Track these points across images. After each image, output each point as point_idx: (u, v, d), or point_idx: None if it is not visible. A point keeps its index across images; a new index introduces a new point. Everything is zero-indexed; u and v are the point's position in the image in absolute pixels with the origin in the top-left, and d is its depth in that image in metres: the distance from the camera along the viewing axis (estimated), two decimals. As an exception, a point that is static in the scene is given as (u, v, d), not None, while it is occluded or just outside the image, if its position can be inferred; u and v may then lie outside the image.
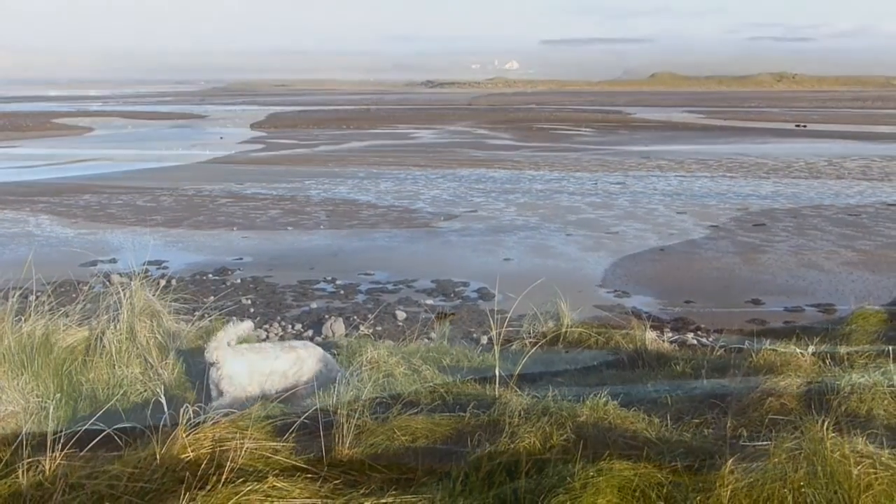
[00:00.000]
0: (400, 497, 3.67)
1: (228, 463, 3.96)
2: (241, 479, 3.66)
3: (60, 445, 4.38)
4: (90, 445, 4.66)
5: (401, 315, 20.14)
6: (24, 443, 4.67)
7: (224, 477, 3.70)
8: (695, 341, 17.23)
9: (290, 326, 19.46)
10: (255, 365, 6.05)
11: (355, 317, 20.08)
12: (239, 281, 23.52)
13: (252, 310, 20.50)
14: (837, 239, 28.08)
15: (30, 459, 4.27)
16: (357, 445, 4.39)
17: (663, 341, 8.89)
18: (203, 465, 4.12)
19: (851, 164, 50.64)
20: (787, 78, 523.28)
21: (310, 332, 18.81)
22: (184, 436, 4.34)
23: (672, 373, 6.79)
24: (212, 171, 47.92)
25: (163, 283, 7.44)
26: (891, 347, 5.93)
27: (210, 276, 23.84)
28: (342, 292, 22.37)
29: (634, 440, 4.39)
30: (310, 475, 3.98)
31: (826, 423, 3.61)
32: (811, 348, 5.45)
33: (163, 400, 5.19)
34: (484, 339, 16.82)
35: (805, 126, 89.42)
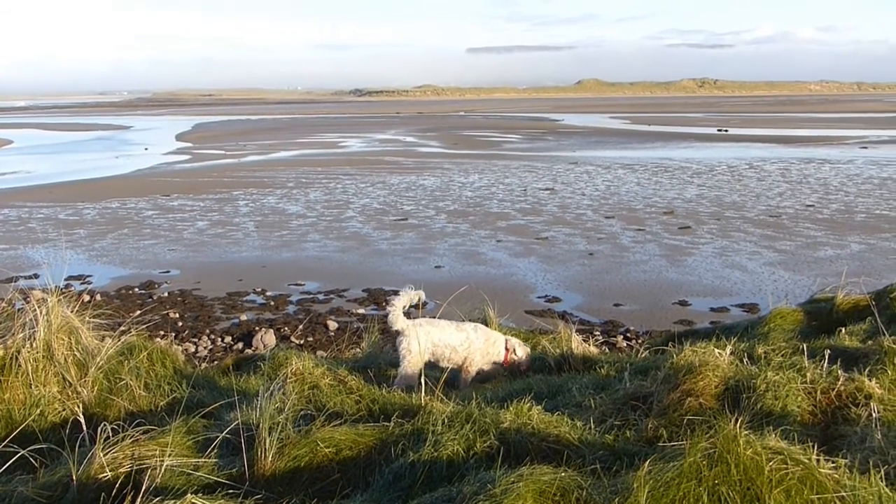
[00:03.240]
0: (321, 509, 3.65)
1: (146, 481, 3.88)
2: (158, 498, 3.59)
3: (-29, 469, 4.25)
4: (4, 468, 4.53)
5: (332, 325, 20.07)
6: (-67, 467, 4.51)
7: (140, 496, 3.62)
8: (624, 343, 17.58)
9: (219, 339, 19.23)
10: (432, 336, 7.31)
11: (286, 328, 19.96)
12: (166, 294, 23.18)
13: (180, 323, 20.23)
14: (759, 240, 28.94)
15: (-63, 485, 4.13)
16: (280, 459, 4.35)
17: (590, 345, 9.00)
18: (119, 485, 4.03)
19: (771, 167, 52.21)
20: (708, 83, 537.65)
21: (240, 345, 18.62)
22: (101, 455, 4.23)
23: (597, 376, 6.88)
24: (136, 182, 47.14)
25: (86, 297, 7.24)
26: (805, 345, 6.10)
27: (136, 289, 23.42)
28: (272, 303, 22.22)
29: (557, 444, 4.44)
30: (231, 491, 3.93)
31: (740, 421, 3.70)
32: (729, 348, 5.57)
33: (81, 419, 5.07)
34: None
35: (727, 130, 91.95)
